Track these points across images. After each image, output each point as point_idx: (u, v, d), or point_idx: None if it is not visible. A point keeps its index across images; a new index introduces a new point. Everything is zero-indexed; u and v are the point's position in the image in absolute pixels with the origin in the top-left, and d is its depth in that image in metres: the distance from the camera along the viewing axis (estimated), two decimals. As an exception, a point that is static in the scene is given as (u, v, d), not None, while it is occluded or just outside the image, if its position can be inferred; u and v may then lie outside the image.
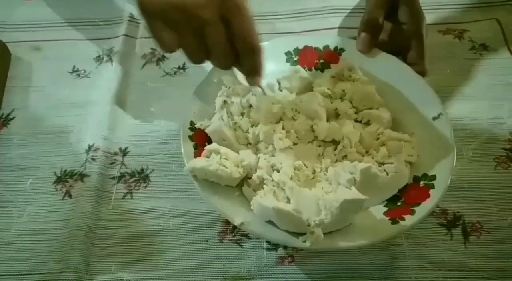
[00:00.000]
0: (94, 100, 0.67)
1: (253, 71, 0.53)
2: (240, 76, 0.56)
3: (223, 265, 0.53)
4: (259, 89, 0.57)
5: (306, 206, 0.49)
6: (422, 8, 0.66)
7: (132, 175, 0.60)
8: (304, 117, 0.57)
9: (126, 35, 0.75)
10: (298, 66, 0.64)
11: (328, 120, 0.58)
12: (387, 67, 0.62)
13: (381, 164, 0.54)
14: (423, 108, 0.57)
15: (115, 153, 0.62)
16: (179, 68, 0.71)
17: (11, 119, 0.66)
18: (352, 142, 0.55)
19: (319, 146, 0.57)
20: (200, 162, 0.51)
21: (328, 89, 0.61)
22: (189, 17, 0.47)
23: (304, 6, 0.78)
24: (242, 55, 0.50)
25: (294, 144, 0.56)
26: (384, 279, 0.52)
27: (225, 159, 0.52)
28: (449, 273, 0.52)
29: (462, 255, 0.53)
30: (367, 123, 0.59)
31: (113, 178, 0.60)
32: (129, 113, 0.66)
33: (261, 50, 0.50)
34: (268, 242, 0.54)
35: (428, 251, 0.53)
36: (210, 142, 0.56)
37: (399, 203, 0.52)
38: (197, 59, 0.52)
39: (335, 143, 0.57)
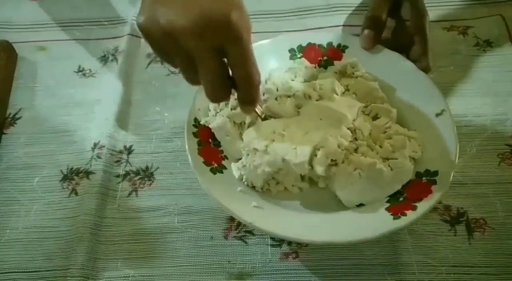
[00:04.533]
0: (99, 99, 0.68)
1: (247, 103, 0.49)
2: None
3: (228, 261, 0.54)
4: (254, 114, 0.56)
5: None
6: (426, 5, 0.66)
7: (137, 173, 0.61)
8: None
9: (131, 35, 0.75)
10: (303, 59, 0.64)
11: None
12: (390, 64, 0.62)
13: (385, 159, 0.54)
14: (426, 104, 0.58)
15: (120, 151, 0.63)
16: (184, 66, 0.72)
17: (18, 119, 0.67)
18: (364, 135, 0.56)
19: None
20: None
21: None
22: (178, 46, 0.42)
23: (308, 4, 0.78)
24: (238, 86, 0.46)
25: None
26: (388, 275, 0.52)
27: None
28: (453, 269, 0.52)
29: (466, 251, 0.53)
30: (375, 117, 0.59)
31: (118, 176, 0.61)
32: (134, 111, 0.67)
33: (258, 83, 0.46)
34: (272, 238, 0.55)
35: (432, 247, 0.53)
36: (214, 138, 0.57)
37: (401, 199, 0.52)
38: (193, 82, 0.48)
39: None
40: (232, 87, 0.46)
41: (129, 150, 0.63)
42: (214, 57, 0.43)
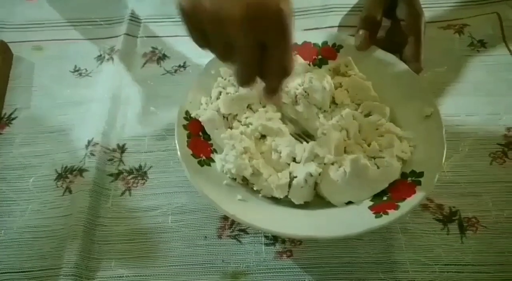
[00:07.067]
0: (95, 98, 0.68)
1: (274, 92, 0.49)
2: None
3: (222, 260, 0.54)
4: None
5: None
6: (423, 5, 0.66)
7: (130, 172, 0.61)
8: (308, 103, 0.59)
9: (127, 34, 0.76)
10: (297, 56, 0.64)
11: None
12: (383, 65, 0.63)
13: (372, 158, 0.54)
14: (417, 105, 0.58)
15: (114, 150, 0.63)
16: (179, 66, 0.72)
17: (14, 119, 0.67)
18: (351, 133, 0.56)
19: None
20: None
21: None
22: (221, 33, 0.43)
23: (305, 4, 0.79)
24: (269, 75, 0.47)
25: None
26: (381, 273, 0.52)
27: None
28: (446, 267, 0.52)
29: (458, 249, 0.53)
30: (368, 115, 0.59)
31: (111, 175, 0.61)
32: (129, 110, 0.67)
33: (291, 75, 0.47)
34: (266, 237, 0.55)
35: (425, 245, 0.54)
36: (204, 131, 0.58)
37: (385, 198, 0.52)
38: (224, 60, 0.48)
39: None
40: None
41: (122, 149, 0.63)
42: (255, 46, 0.43)
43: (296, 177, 0.53)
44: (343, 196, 0.53)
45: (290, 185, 0.53)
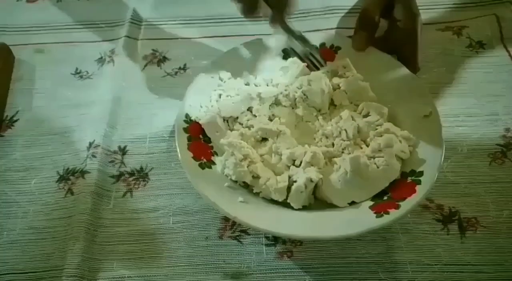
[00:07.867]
0: (96, 100, 0.68)
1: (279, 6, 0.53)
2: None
3: (224, 261, 0.54)
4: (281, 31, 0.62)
5: None
6: (420, 7, 0.66)
7: (131, 173, 0.61)
8: (307, 105, 0.59)
9: (128, 37, 0.76)
10: (296, 58, 0.65)
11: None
12: (381, 65, 0.63)
13: (371, 157, 0.54)
14: (415, 106, 0.58)
15: (115, 152, 0.63)
16: (179, 68, 0.72)
17: (15, 121, 0.67)
18: (349, 135, 0.56)
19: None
20: None
21: None
22: None
23: (304, 6, 0.79)
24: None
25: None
26: (382, 273, 0.52)
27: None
28: (446, 267, 0.52)
29: (458, 249, 0.53)
30: (366, 115, 0.59)
31: (113, 176, 0.61)
32: (129, 112, 0.67)
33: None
34: (267, 237, 0.55)
35: (425, 245, 0.54)
36: (204, 134, 0.58)
37: (385, 198, 0.52)
38: None
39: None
40: None
41: (123, 151, 0.63)
42: None
43: (295, 181, 0.53)
44: (345, 196, 0.53)
45: (289, 188, 0.53)
